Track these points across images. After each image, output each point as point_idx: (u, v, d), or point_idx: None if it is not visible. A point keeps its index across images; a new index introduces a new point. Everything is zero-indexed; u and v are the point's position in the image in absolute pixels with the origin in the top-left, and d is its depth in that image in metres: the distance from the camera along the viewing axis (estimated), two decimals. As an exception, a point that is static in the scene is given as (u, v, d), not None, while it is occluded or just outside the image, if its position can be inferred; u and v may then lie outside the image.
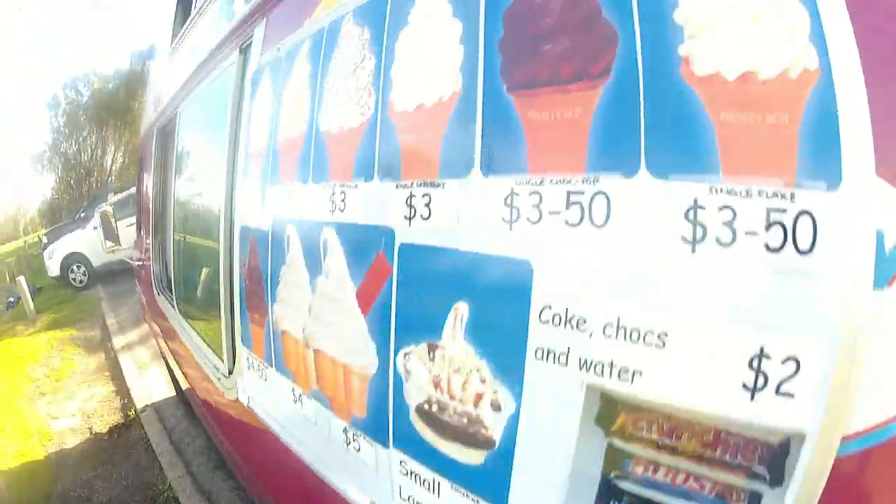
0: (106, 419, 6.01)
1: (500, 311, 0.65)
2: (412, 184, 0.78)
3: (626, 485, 0.56)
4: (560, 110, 0.59)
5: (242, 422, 1.69)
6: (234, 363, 1.62)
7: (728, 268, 0.49)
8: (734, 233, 0.49)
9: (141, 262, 4.49)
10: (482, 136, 0.68)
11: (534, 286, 0.61)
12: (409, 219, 0.77)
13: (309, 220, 1.07)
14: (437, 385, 0.72)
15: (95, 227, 13.47)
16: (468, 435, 0.68)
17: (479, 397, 0.66)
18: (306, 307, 1.06)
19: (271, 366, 1.28)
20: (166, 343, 3.90)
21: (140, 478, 4.57)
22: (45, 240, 24.13)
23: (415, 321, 0.77)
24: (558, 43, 0.60)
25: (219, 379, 1.86)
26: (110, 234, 5.44)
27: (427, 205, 0.75)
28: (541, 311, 0.60)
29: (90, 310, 11.53)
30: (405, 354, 0.78)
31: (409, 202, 0.78)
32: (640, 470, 0.56)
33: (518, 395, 0.62)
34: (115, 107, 39.36)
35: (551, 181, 0.59)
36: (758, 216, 0.48)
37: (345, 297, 0.91)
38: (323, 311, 1.00)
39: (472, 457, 0.68)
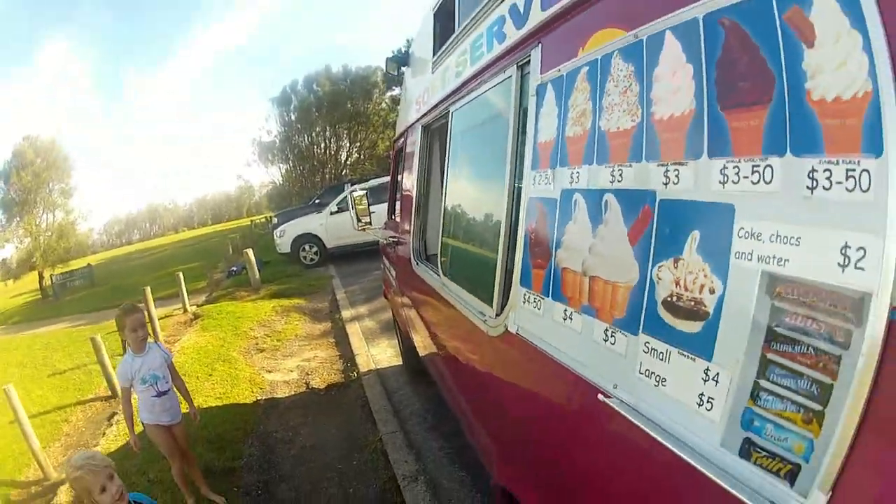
0: (325, 378, 7.19)
1: (717, 234, 1.26)
2: (668, 163, 1.43)
3: (780, 329, 1.09)
4: (747, 120, 1.17)
5: (507, 351, 2.38)
6: (505, 304, 2.28)
7: (828, 201, 1.00)
8: (831, 183, 1.00)
9: (394, 240, 5.27)
10: (707, 134, 1.28)
11: (735, 219, 1.22)
12: (665, 184, 1.44)
13: (592, 188, 1.76)
14: (677, 283, 1.35)
15: (333, 212, 15.93)
16: (693, 312, 1.32)
17: (702, 287, 1.26)
18: (587, 248, 1.73)
19: (547, 296, 1.95)
20: (414, 311, 4.76)
21: (350, 431, 5.50)
22: (275, 220, 27.65)
23: (666, 246, 1.38)
24: (744, 79, 1.21)
25: (484, 321, 2.57)
26: (363, 213, 6.31)
27: (676, 175, 1.41)
28: (738, 231, 1.22)
29: (319, 285, 13.37)
30: (658, 267, 1.38)
31: (665, 174, 1.43)
32: (788, 319, 1.08)
33: (725, 282, 1.21)
34: (346, 107, 44.23)
35: (744, 159, 1.19)
36: (841, 173, 0.95)
37: (619, 236, 1.54)
38: (601, 248, 1.64)
39: (694, 327, 1.30)
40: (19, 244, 41.84)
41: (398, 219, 5.36)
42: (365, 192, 6.80)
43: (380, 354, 7.39)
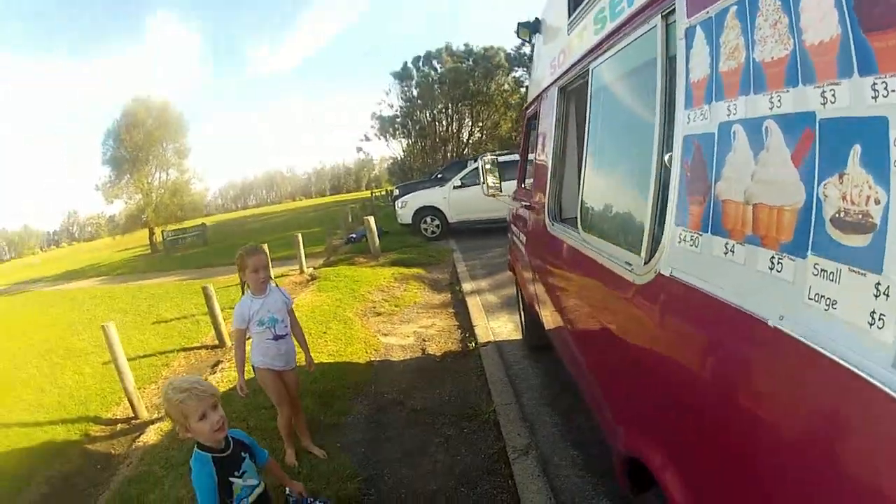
0: (441, 345, 7.31)
1: (875, 146, 1.24)
2: (823, 84, 1.43)
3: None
4: (886, 41, 1.19)
5: (656, 297, 2.37)
6: (656, 249, 2.35)
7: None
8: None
9: (526, 206, 5.30)
10: (855, 55, 1.29)
11: (889, 129, 1.20)
12: (823, 104, 1.43)
13: (751, 118, 1.76)
14: (843, 198, 1.35)
15: (456, 186, 16.27)
16: (861, 225, 1.29)
17: (867, 198, 1.26)
18: (748, 176, 1.75)
19: (706, 232, 1.99)
20: (545, 276, 4.67)
21: (463, 399, 5.53)
22: (396, 192, 28.48)
23: (829, 163, 1.41)
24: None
25: (631, 270, 2.59)
26: (492, 179, 6.45)
27: (833, 94, 1.39)
28: (894, 140, 1.19)
29: (440, 257, 13.62)
30: (824, 185, 1.41)
31: (822, 95, 1.44)
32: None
33: (887, 191, 1.20)
34: (467, 85, 44.74)
35: (888, 75, 1.17)
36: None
37: (783, 160, 1.57)
38: (764, 174, 1.68)
39: (861, 240, 1.28)
40: (129, 200, 44.32)
41: (531, 186, 5.36)
42: (495, 157, 6.93)
43: (499, 328, 7.41)
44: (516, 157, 15.82)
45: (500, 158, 16.19)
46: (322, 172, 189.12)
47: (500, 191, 6.50)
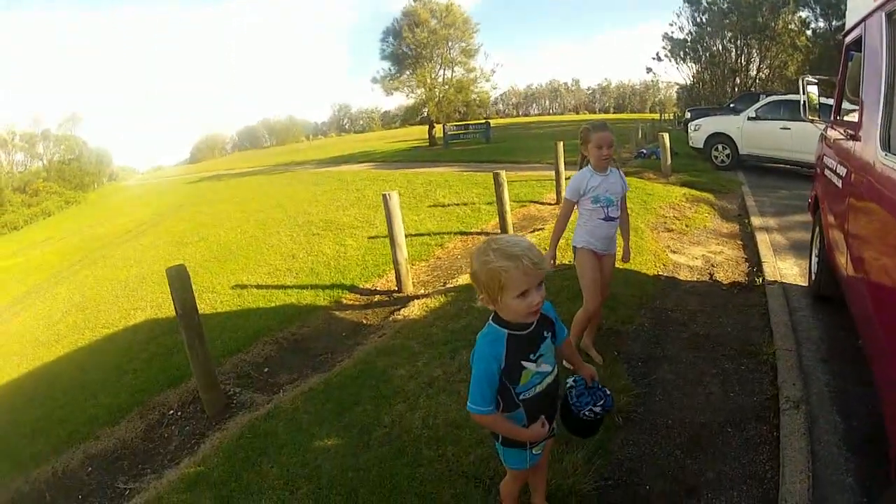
0: (728, 274, 6.74)
1: None
2: None
3: None
4: None
5: None
6: None
7: None
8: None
9: (846, 136, 4.56)
10: None
11: None
12: None
13: None
14: None
15: (751, 118, 15.14)
16: None
17: None
18: None
19: None
20: (859, 221, 3.96)
21: (744, 334, 5.02)
22: (688, 115, 27.16)
23: None
24: None
25: None
26: (813, 104, 5.77)
27: None
28: None
29: (729, 187, 12.68)
30: None
31: None
32: None
33: None
34: (756, 19, 42.15)
35: None
36: None
37: None
38: None
39: None
40: (410, 94, 45.59)
41: (856, 115, 4.67)
42: (818, 81, 6.15)
43: (786, 269, 6.70)
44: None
45: (796, 98, 15.36)
46: (607, 89, 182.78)
47: (819, 117, 5.80)
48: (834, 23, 36.82)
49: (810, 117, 5.70)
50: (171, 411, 5.30)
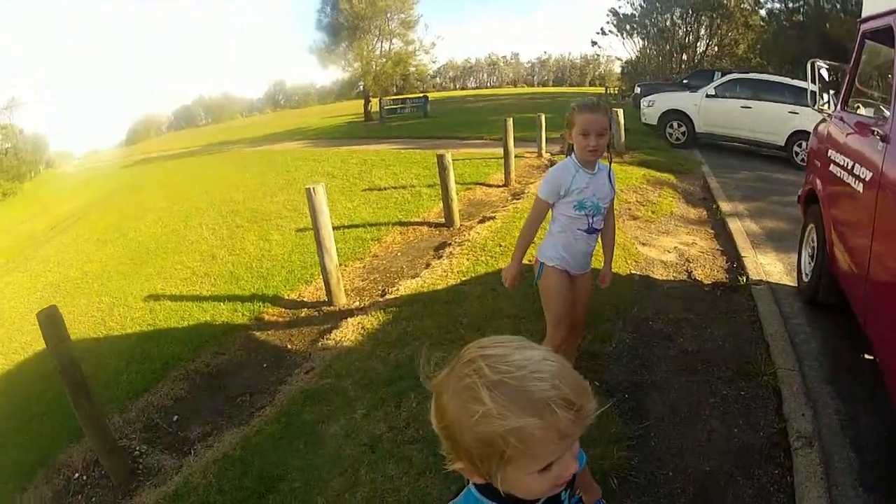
0: (707, 272, 6.25)
1: None
2: None
3: None
4: None
5: None
6: None
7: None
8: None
9: (867, 135, 4.05)
10: None
11: None
12: None
13: None
14: None
15: (710, 95, 15.00)
16: None
17: None
18: None
19: None
20: (882, 220, 3.49)
21: (738, 349, 4.51)
22: (637, 90, 26.95)
23: None
24: None
25: None
26: (824, 90, 5.26)
27: None
28: None
29: (687, 167, 12.35)
30: None
31: None
32: None
33: None
34: None
35: None
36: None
37: None
38: None
39: None
40: (347, 68, 44.11)
41: (869, 111, 4.16)
42: (829, 66, 5.63)
43: (769, 266, 6.26)
44: (775, 78, 15.20)
45: (757, 77, 15.42)
46: (547, 63, 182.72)
47: (830, 107, 5.29)
48: (790, 4, 37.19)
49: (820, 106, 5.19)
50: (77, 475, 4.61)
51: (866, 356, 4.13)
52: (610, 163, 3.40)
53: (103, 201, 22.87)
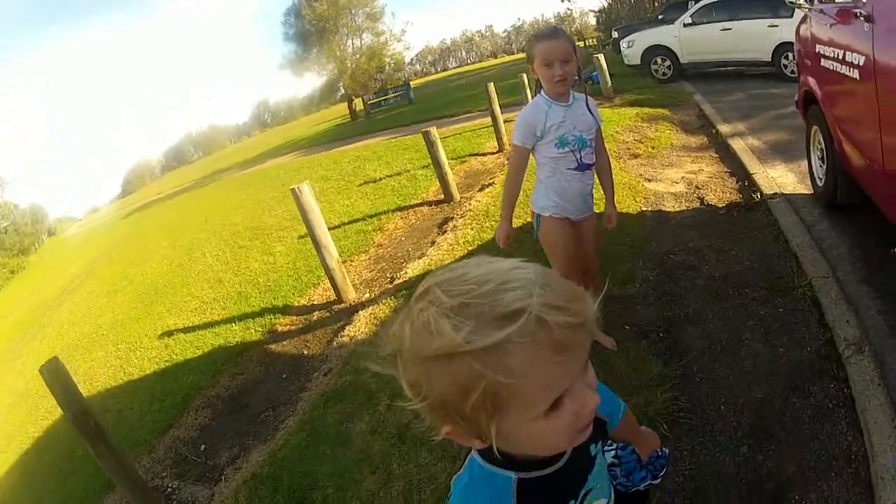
0: (719, 195, 6.04)
1: None
2: None
3: None
4: None
5: None
6: None
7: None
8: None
9: (851, 22, 3.80)
10: None
11: None
12: None
13: None
14: None
15: (687, 24, 14.76)
16: None
17: None
18: None
19: None
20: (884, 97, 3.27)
21: (767, 265, 4.31)
22: (615, 34, 26.71)
23: None
24: None
25: None
26: None
27: None
28: None
29: (680, 99, 12.11)
30: None
31: None
32: None
33: None
34: None
35: None
36: None
37: None
38: None
39: None
40: (321, 71, 44.35)
41: None
42: None
43: (780, 178, 6.03)
44: None
45: None
46: (521, 29, 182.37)
47: (807, 1, 5.02)
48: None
49: (798, 1, 4.89)
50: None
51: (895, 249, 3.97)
52: (587, 95, 3.17)
53: (108, 255, 23.05)
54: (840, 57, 3.84)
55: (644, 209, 5.95)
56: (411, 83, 42.98)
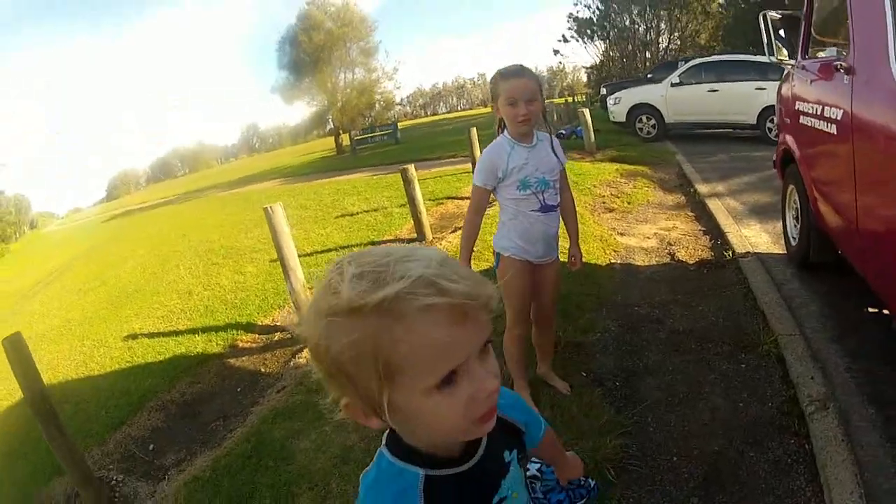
0: (691, 252, 6.09)
1: None
2: None
3: None
4: None
5: None
6: None
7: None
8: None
9: (832, 77, 3.84)
10: None
11: None
12: None
13: None
14: None
15: (674, 84, 14.93)
16: None
17: None
18: None
19: None
20: (856, 157, 3.27)
21: (733, 322, 4.30)
22: (604, 91, 27.18)
23: None
24: None
25: None
26: (779, 41, 5.06)
27: None
28: None
29: (662, 158, 12.27)
30: None
31: None
32: None
33: None
34: None
35: None
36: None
37: None
38: None
39: None
40: (311, 101, 44.81)
41: (829, 53, 4.05)
42: (783, 15, 5.45)
43: (754, 237, 6.10)
44: (738, 57, 15.24)
45: (719, 58, 15.48)
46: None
47: (788, 58, 5.10)
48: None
49: (779, 57, 5.04)
50: (58, 506, 4.61)
51: (870, 309, 3.96)
52: (551, 136, 3.11)
53: (86, 254, 23.36)
54: (819, 112, 3.87)
55: (614, 262, 5.99)
56: (399, 124, 43.25)
